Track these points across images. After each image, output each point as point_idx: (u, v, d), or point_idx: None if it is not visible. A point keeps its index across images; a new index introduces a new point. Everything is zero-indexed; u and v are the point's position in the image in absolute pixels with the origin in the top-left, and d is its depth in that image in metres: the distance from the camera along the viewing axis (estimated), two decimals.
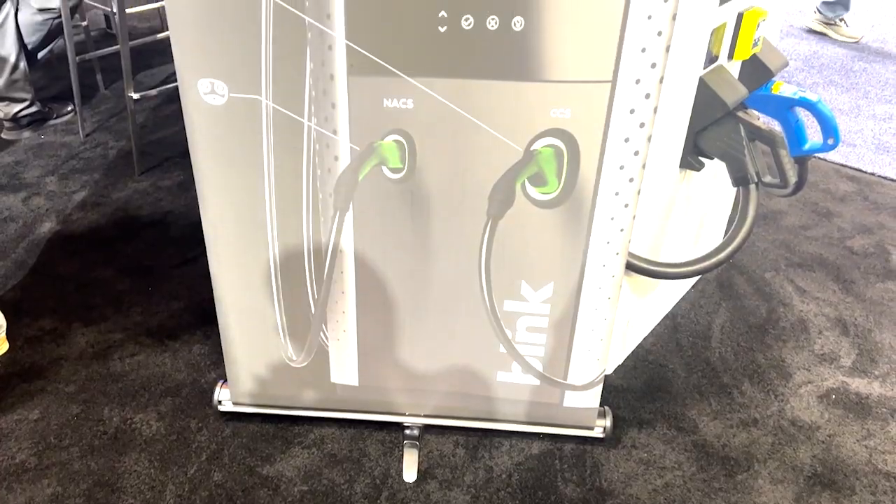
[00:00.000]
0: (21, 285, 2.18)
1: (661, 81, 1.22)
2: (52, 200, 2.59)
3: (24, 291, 2.16)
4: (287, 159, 1.35)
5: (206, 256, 1.50)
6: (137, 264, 2.27)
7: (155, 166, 2.81)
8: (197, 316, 2.06)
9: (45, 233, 2.42)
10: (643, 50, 1.19)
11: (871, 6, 4.69)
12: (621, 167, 1.31)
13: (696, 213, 1.98)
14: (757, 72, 1.73)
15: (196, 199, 1.43)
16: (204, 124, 1.32)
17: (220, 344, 1.64)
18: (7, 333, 1.97)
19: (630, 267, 1.65)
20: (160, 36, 3.37)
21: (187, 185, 2.67)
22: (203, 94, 1.28)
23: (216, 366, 1.89)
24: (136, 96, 2.65)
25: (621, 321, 1.81)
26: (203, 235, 1.48)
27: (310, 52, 1.23)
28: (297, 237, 1.45)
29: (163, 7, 3.72)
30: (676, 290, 2.15)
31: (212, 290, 1.55)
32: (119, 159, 2.86)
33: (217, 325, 1.60)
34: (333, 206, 1.41)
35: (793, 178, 1.71)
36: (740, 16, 1.60)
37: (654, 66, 1.20)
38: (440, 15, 1.19)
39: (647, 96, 1.23)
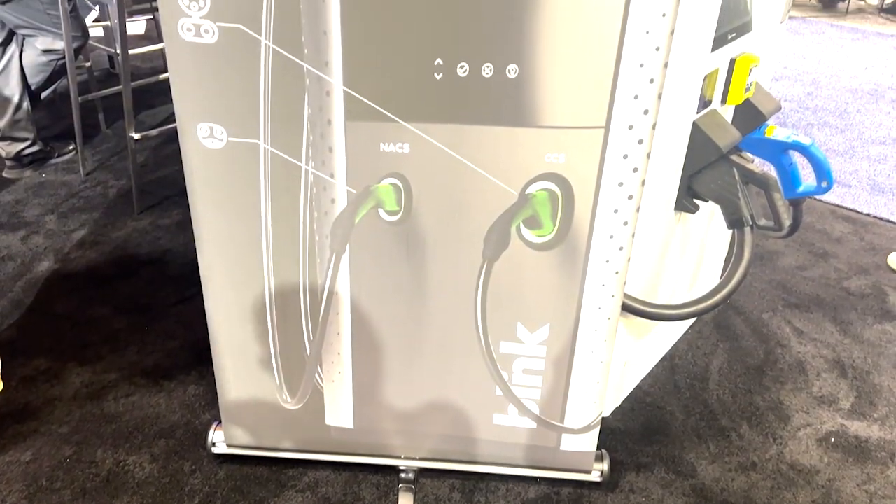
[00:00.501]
0: (17, 324, 2.18)
1: (653, 128, 1.24)
2: (50, 239, 2.60)
3: (19, 330, 2.15)
4: (284, 202, 1.36)
5: (203, 296, 1.51)
6: (134, 303, 2.27)
7: (154, 205, 2.83)
8: (193, 355, 2.06)
9: (43, 271, 2.42)
10: (636, 97, 1.20)
11: (864, 50, 4.76)
12: (615, 211, 1.32)
13: (692, 255, 1.98)
14: (750, 116, 1.75)
15: (193, 238, 1.44)
16: (202, 167, 1.33)
17: (215, 384, 1.63)
18: (1, 373, 1.96)
19: (626, 308, 1.65)
20: (162, 76, 3.40)
21: (186, 223, 2.68)
22: (202, 138, 1.30)
23: (211, 406, 1.88)
24: (137, 136, 2.68)
25: (618, 363, 1.81)
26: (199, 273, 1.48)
27: (308, 98, 1.25)
28: (293, 279, 1.45)
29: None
30: (674, 332, 2.14)
31: (207, 329, 1.55)
32: (119, 198, 2.88)
33: (212, 366, 1.60)
34: (330, 248, 1.41)
35: (787, 221, 1.72)
36: (732, 62, 1.63)
37: (646, 112, 1.22)
38: (436, 62, 1.21)
39: (640, 142, 1.25)
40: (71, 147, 3.16)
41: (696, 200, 1.72)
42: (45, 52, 2.79)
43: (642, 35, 1.15)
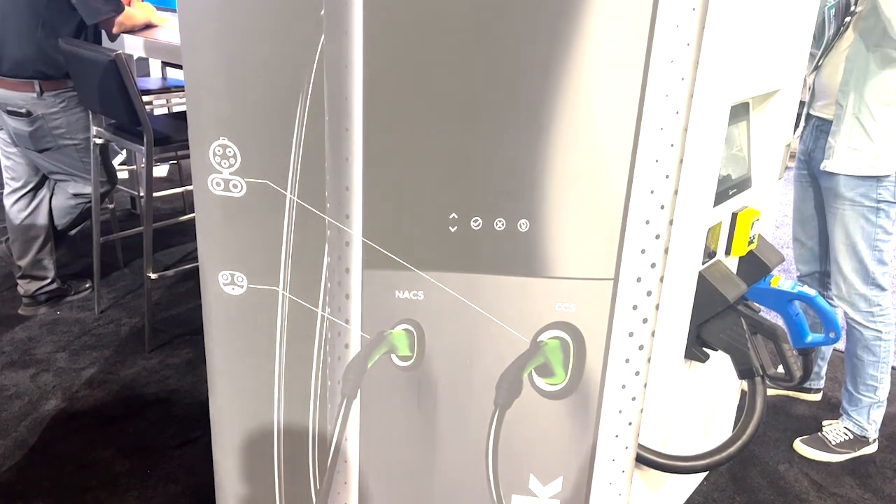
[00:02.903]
0: (18, 465, 2.14)
1: (661, 280, 1.27)
2: (59, 377, 2.60)
3: (20, 472, 2.11)
4: (299, 347, 1.38)
5: (208, 437, 1.49)
6: (138, 444, 2.24)
7: (165, 343, 2.85)
8: (194, 502, 2.00)
9: (49, 410, 2.41)
10: (643, 251, 1.25)
11: None
12: (627, 360, 1.33)
13: (705, 404, 1.97)
14: (755, 267, 1.80)
15: (202, 377, 1.45)
16: (221, 313, 1.37)
17: None
18: None
19: (640, 460, 1.62)
20: (182, 218, 3.54)
21: (196, 362, 2.68)
22: (223, 285, 1.34)
23: None
24: (154, 276, 2.74)
25: None
26: (206, 415, 1.47)
27: (328, 248, 1.30)
28: (303, 425, 1.45)
29: (188, 190, 3.95)
30: (689, 483, 2.09)
31: (210, 472, 1.52)
32: (131, 336, 2.90)
33: None
34: (341, 394, 1.42)
35: (798, 372, 1.72)
36: (734, 215, 1.70)
37: (653, 266, 1.26)
38: (451, 216, 1.27)
39: (649, 293, 1.28)
40: (87, 285, 3.22)
41: (705, 349, 1.73)
42: (75, 195, 2.92)
43: (647, 194, 1.22)
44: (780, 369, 1.76)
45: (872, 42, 2.04)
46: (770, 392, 2.61)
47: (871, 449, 2.34)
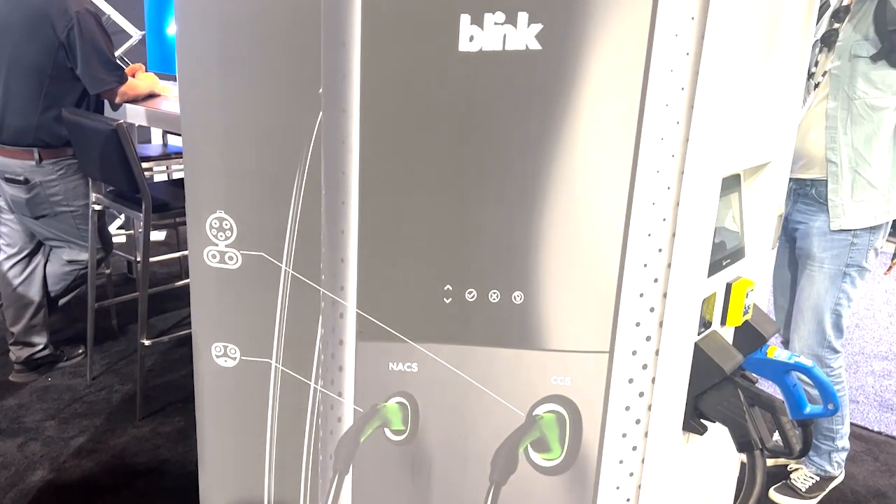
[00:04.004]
0: None
1: (657, 353, 1.27)
2: (48, 446, 2.55)
3: None
4: (291, 420, 1.36)
5: None
6: None
7: (157, 411, 2.80)
8: None
9: (35, 481, 2.35)
10: (637, 324, 1.25)
11: None
12: (623, 435, 1.32)
13: (704, 478, 1.93)
14: (750, 337, 1.79)
15: (194, 446, 1.42)
16: (213, 385, 1.35)
17: None
18: None
19: None
20: (178, 284, 3.53)
21: (187, 431, 2.64)
22: (216, 357, 1.33)
23: None
24: (147, 343, 2.72)
25: None
26: (196, 487, 1.44)
27: (322, 320, 1.30)
28: (294, 501, 1.41)
29: (185, 255, 3.96)
30: None
31: None
32: (122, 403, 2.86)
33: None
34: (333, 469, 1.39)
35: (797, 446, 1.69)
36: (729, 286, 1.70)
37: (648, 339, 1.26)
38: (446, 288, 1.27)
39: (645, 367, 1.27)
40: (80, 351, 3.19)
41: (703, 421, 1.71)
42: (70, 262, 2.92)
43: (640, 267, 1.22)
44: (778, 439, 1.73)
45: (849, 94, 2.10)
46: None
47: (840, 479, 2.46)
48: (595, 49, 1.12)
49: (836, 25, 2.15)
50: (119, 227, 4.58)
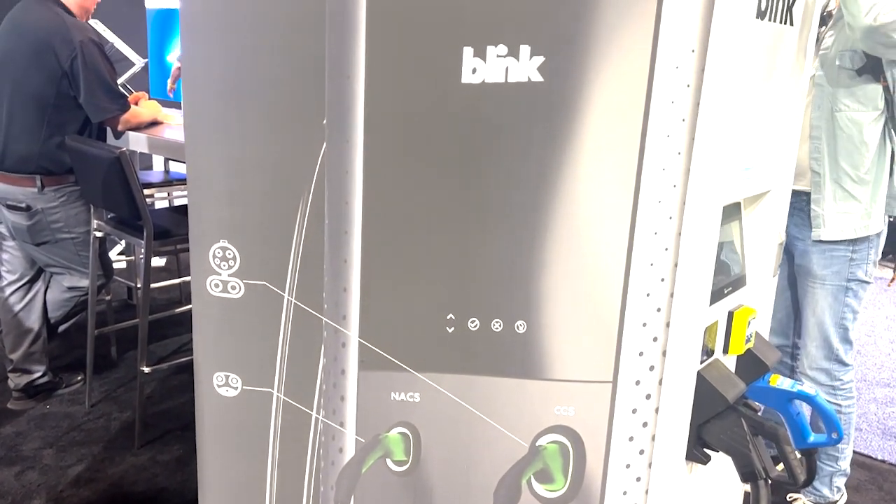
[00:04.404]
0: None
1: (660, 383, 1.27)
2: (45, 475, 2.53)
3: None
4: (292, 451, 1.36)
5: None
6: None
7: (156, 438, 2.78)
8: None
9: None
10: (640, 354, 1.25)
11: None
12: (627, 466, 1.31)
13: None
14: (753, 365, 1.78)
15: (192, 475, 1.41)
16: (214, 415, 1.35)
17: None
18: None
19: None
20: (179, 310, 3.53)
21: (186, 459, 2.62)
22: (217, 386, 1.33)
23: None
24: (147, 370, 2.71)
25: None
26: None
27: (324, 349, 1.30)
28: None
29: (185, 281, 3.96)
30: None
31: None
32: (121, 431, 2.84)
33: None
34: (334, 500, 1.38)
35: (801, 476, 1.68)
36: (731, 314, 1.70)
37: (652, 368, 1.26)
38: (448, 317, 1.27)
39: (648, 397, 1.27)
40: (79, 378, 3.18)
41: (706, 450, 1.70)
42: (70, 288, 2.92)
43: (643, 297, 1.22)
44: (782, 467, 1.72)
45: (832, 106, 2.11)
46: None
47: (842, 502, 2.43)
48: (596, 81, 1.14)
49: (821, 29, 2.18)
50: (119, 253, 4.58)
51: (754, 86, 1.51)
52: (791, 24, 1.60)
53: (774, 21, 1.52)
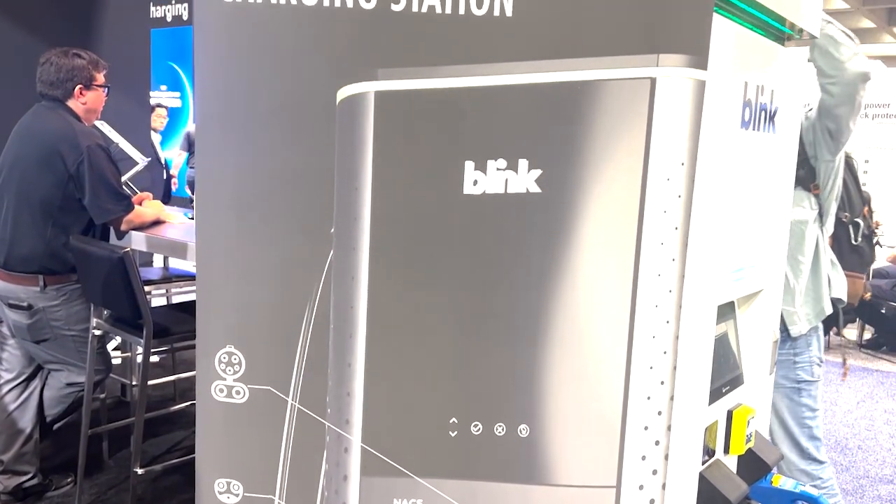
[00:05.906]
0: None
1: (663, 487, 1.26)
2: None
3: None
4: None
5: None
6: None
7: None
8: None
9: None
10: (643, 458, 1.25)
11: (852, 384, 4.92)
12: None
13: None
14: (754, 465, 1.78)
15: None
16: None
17: None
18: None
19: None
20: (174, 408, 3.49)
21: None
22: (218, 493, 1.32)
23: None
24: (140, 472, 2.66)
25: None
26: None
27: (326, 454, 1.30)
28: None
29: (180, 378, 3.92)
30: None
31: None
32: None
33: None
34: None
35: None
36: (730, 413, 1.71)
37: (655, 472, 1.26)
38: (451, 421, 1.28)
39: (652, 501, 1.27)
40: (70, 479, 3.10)
41: None
42: (69, 384, 2.90)
43: (644, 400, 1.24)
44: None
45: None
46: None
47: None
48: (592, 192, 1.19)
49: None
50: (115, 349, 4.56)
51: (742, 191, 1.58)
52: (774, 131, 1.68)
53: (758, 130, 1.60)
